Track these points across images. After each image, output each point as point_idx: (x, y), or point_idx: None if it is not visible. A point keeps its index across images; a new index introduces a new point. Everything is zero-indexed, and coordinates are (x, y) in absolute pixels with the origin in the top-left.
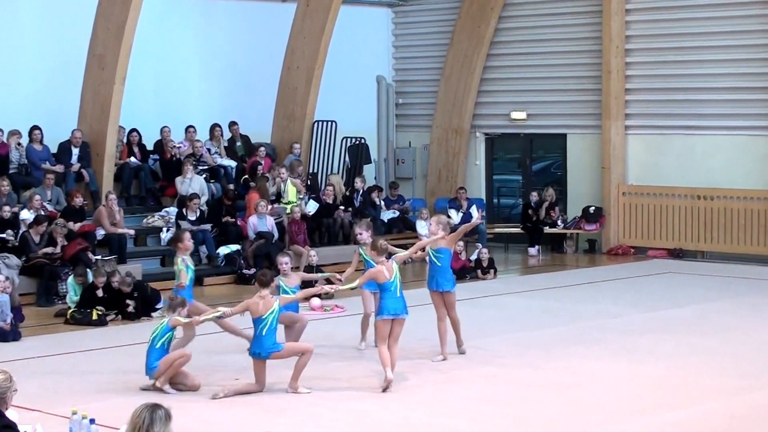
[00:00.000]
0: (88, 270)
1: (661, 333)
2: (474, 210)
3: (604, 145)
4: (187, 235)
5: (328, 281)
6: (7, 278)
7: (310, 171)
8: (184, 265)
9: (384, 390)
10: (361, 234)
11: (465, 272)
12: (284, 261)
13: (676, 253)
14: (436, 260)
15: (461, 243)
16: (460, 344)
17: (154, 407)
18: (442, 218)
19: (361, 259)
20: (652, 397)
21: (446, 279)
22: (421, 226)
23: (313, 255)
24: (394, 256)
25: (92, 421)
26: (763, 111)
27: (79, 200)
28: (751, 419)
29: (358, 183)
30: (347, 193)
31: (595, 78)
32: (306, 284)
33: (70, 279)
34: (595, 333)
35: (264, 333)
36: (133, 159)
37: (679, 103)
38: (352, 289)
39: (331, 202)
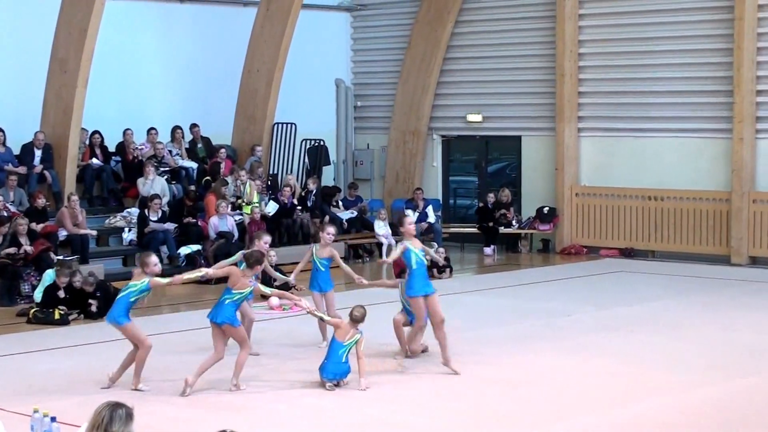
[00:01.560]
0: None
1: (613, 330)
2: (429, 210)
3: (558, 147)
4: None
5: (287, 287)
6: None
7: (271, 172)
8: None
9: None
10: (330, 234)
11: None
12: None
13: (628, 253)
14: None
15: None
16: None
17: (115, 406)
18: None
19: (311, 259)
20: (603, 392)
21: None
22: (379, 226)
23: (273, 255)
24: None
25: (53, 419)
26: (712, 114)
27: (41, 201)
28: (700, 414)
29: (310, 184)
30: (302, 194)
31: (549, 81)
32: (266, 283)
33: (50, 271)
34: (548, 330)
35: (226, 303)
36: (95, 160)
37: (631, 106)
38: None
39: (288, 202)
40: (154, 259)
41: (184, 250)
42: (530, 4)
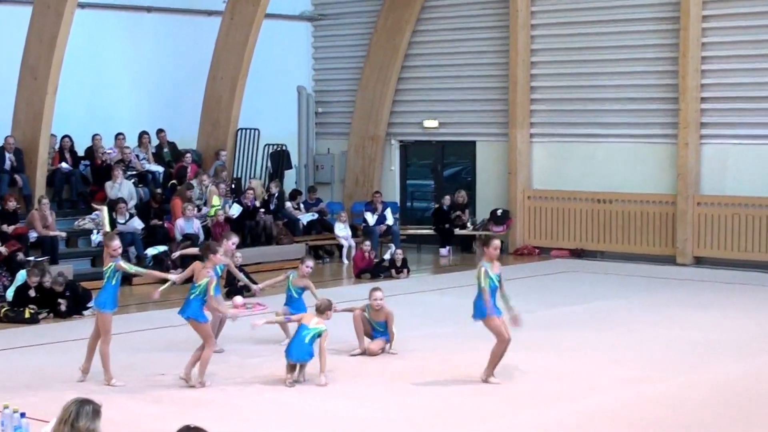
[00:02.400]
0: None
1: (564, 328)
2: (388, 212)
3: (511, 151)
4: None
5: (247, 289)
6: None
7: (234, 176)
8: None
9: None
10: (308, 267)
11: (379, 271)
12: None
13: (578, 253)
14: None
15: (368, 243)
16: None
17: (83, 402)
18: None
19: (286, 284)
20: (553, 387)
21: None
22: (339, 228)
23: (239, 256)
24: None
25: (23, 414)
26: (658, 120)
27: (12, 204)
28: (645, 408)
29: (272, 188)
30: (265, 197)
31: (502, 89)
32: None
33: (22, 271)
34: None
35: (191, 297)
36: (64, 164)
37: (581, 113)
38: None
39: (251, 205)
40: (115, 243)
41: (151, 251)
42: (484, 15)
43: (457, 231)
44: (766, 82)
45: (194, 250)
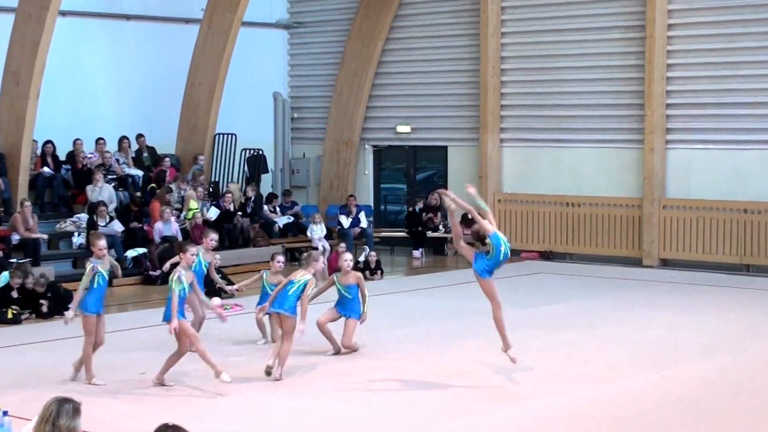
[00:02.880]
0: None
1: (533, 328)
2: (362, 215)
3: (482, 156)
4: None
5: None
6: None
7: (212, 180)
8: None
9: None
10: (280, 263)
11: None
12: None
13: (547, 255)
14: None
15: (343, 245)
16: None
17: (63, 401)
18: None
19: (262, 284)
20: (524, 385)
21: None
22: (313, 230)
23: (218, 258)
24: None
25: (5, 413)
26: (625, 126)
27: None
28: (614, 406)
29: (249, 191)
30: (242, 201)
31: (473, 95)
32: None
33: (5, 273)
34: (473, 328)
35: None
36: (46, 169)
37: (550, 119)
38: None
39: (230, 208)
40: (101, 242)
41: (130, 253)
42: (455, 23)
43: (430, 234)
44: (729, 89)
45: (177, 258)
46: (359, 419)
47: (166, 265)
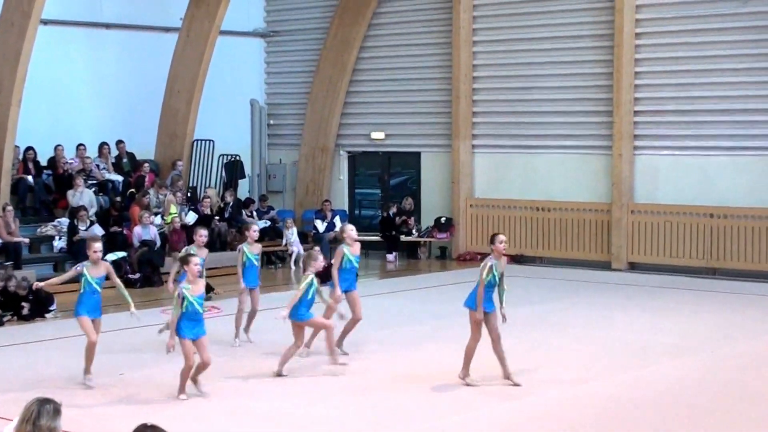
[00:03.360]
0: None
1: (503, 330)
2: (337, 220)
3: (454, 162)
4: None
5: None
6: None
7: (190, 185)
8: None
9: None
10: (256, 231)
11: (328, 276)
12: (202, 233)
13: (518, 259)
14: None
15: (317, 249)
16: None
17: (44, 401)
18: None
19: (244, 260)
20: (496, 387)
21: None
22: (286, 235)
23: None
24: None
25: None
26: (594, 132)
27: None
28: (584, 406)
29: (227, 197)
30: (221, 205)
31: (446, 102)
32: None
33: None
34: (446, 331)
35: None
36: (29, 177)
37: (521, 125)
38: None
39: (209, 212)
40: (97, 245)
41: (110, 257)
42: (428, 32)
43: (403, 238)
44: (695, 97)
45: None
46: (338, 420)
47: (170, 285)
